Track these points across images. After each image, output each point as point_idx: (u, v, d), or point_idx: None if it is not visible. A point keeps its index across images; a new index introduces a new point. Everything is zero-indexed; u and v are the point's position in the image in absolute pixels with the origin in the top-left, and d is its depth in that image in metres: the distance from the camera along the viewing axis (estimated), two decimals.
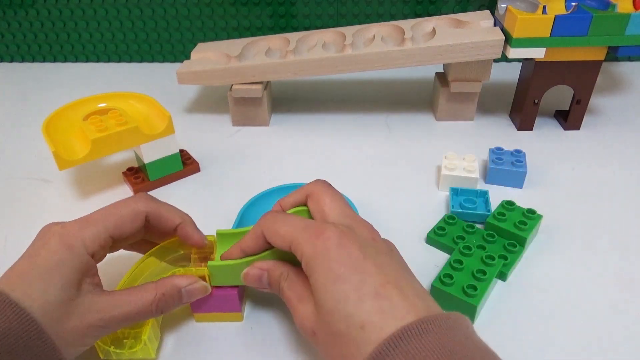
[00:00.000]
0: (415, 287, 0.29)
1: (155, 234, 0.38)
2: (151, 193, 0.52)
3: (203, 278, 0.36)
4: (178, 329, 0.38)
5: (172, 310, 0.34)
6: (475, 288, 0.37)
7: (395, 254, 0.33)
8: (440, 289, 0.37)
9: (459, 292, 0.37)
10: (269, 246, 0.34)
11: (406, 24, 0.61)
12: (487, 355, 0.26)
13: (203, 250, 0.38)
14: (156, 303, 0.33)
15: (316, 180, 0.37)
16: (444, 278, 0.38)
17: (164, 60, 0.82)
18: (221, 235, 0.38)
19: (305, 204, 0.36)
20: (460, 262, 0.39)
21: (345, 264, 0.29)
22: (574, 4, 0.54)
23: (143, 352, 0.34)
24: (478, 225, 0.45)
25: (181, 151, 0.54)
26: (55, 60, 0.83)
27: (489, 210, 0.46)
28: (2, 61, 0.84)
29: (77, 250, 0.32)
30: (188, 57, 0.66)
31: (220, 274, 0.36)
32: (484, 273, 0.38)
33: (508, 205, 0.45)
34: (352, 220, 0.33)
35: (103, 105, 0.53)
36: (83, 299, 0.31)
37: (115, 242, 0.35)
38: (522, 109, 0.60)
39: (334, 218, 0.33)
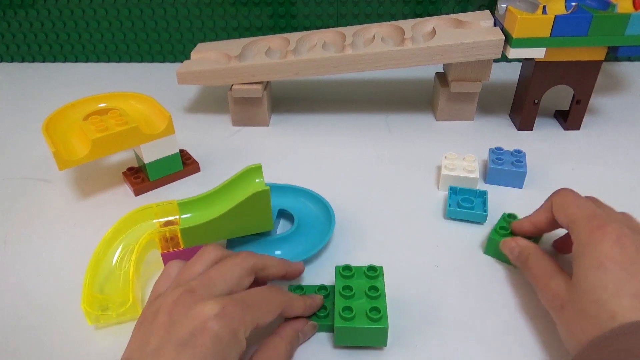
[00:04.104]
0: None
1: None
2: (151, 193, 0.52)
3: (175, 238, 0.39)
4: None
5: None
6: None
7: None
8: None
9: None
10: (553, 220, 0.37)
11: (406, 24, 0.61)
12: None
13: (166, 216, 0.42)
14: (288, 353, 0.34)
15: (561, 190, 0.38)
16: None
17: (164, 60, 0.82)
18: (181, 204, 0.42)
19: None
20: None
21: (614, 259, 0.31)
22: (574, 4, 0.54)
23: (131, 311, 0.37)
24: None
25: (181, 151, 0.54)
26: (55, 60, 0.83)
27: (485, 211, 0.46)
28: (2, 61, 0.84)
29: (240, 337, 0.29)
30: (188, 57, 0.66)
31: (190, 235, 0.39)
32: None
33: (510, 218, 0.43)
34: (638, 229, 0.34)
35: (103, 105, 0.53)
36: None
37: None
38: (522, 109, 0.60)
39: (616, 218, 0.35)
